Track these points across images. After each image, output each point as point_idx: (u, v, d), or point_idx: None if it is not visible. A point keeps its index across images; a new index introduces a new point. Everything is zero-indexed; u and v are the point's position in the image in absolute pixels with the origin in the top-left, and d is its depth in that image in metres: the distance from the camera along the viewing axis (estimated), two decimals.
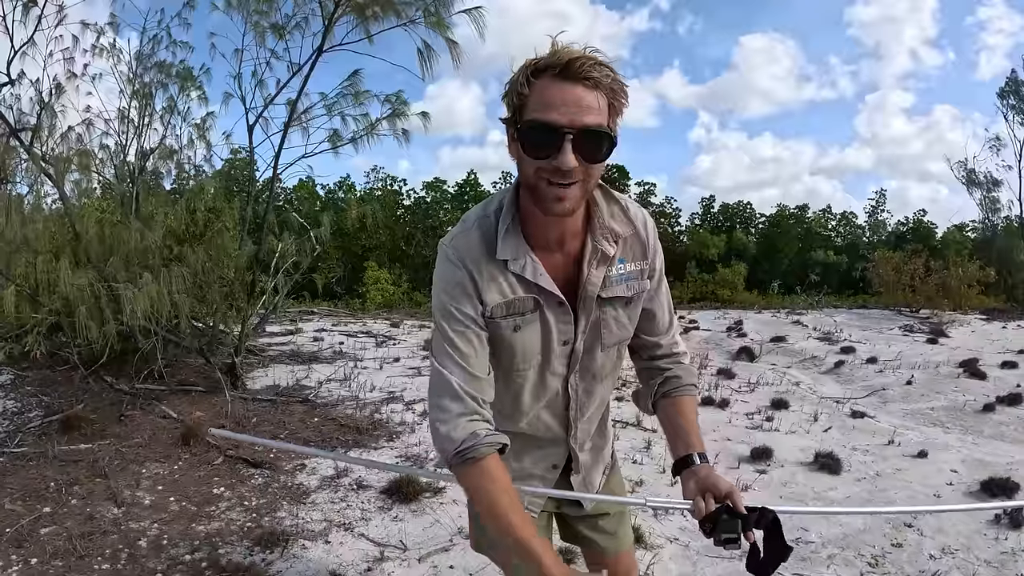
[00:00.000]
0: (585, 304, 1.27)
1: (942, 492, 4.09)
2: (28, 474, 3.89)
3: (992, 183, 22.15)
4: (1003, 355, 8.98)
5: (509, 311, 1.23)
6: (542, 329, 1.27)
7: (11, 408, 5.15)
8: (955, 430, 5.74)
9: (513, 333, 1.24)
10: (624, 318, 1.34)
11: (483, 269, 1.21)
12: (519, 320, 1.24)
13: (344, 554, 3.08)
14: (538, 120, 1.06)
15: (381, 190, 30.70)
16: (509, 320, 1.23)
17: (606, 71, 1.07)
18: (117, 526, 3.30)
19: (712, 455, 4.63)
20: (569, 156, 1.05)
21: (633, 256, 1.31)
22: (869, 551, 3.23)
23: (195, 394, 5.63)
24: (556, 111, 1.05)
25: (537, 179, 1.11)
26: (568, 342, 1.29)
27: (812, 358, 9.52)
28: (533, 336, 1.26)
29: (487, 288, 1.21)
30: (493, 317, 1.22)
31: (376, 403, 5.86)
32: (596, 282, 1.26)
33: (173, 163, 7.42)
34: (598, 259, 1.26)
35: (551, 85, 1.06)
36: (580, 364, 1.34)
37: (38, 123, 6.60)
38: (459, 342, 1.20)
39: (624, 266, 1.30)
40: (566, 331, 1.28)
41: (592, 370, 1.37)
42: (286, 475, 4.08)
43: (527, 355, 1.28)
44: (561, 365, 1.33)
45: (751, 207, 35.69)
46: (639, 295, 1.35)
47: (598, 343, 1.33)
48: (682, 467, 1.31)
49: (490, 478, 1.16)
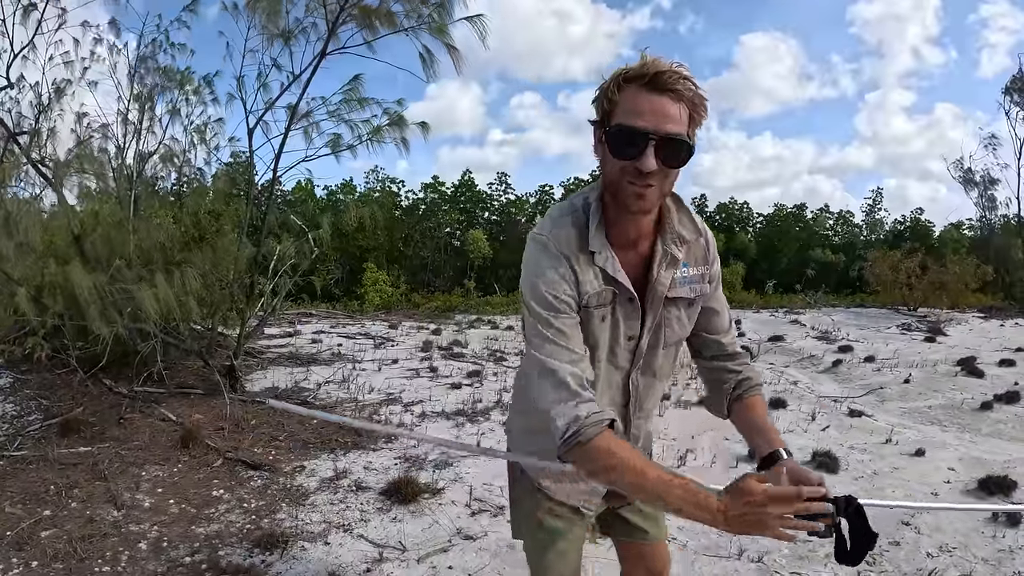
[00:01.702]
0: (653, 303, 1.34)
1: (939, 490, 4.11)
2: (28, 477, 3.90)
3: (989, 181, 22.20)
4: (1001, 353, 9.02)
5: (600, 301, 1.30)
6: (612, 323, 1.33)
7: (10, 411, 5.15)
8: (952, 428, 5.75)
9: (600, 323, 1.31)
10: (685, 318, 1.42)
11: (580, 259, 1.28)
12: (603, 310, 1.30)
13: (343, 555, 3.09)
14: (626, 125, 1.15)
15: (380, 192, 30.67)
16: (599, 310, 1.30)
17: (689, 85, 1.16)
18: (117, 529, 3.31)
19: (710, 454, 4.66)
20: (651, 159, 1.14)
21: (695, 261, 1.39)
22: None
23: (194, 397, 5.63)
24: (642, 118, 1.14)
25: (620, 178, 1.19)
26: (633, 338, 1.36)
27: (810, 357, 9.54)
28: (608, 329, 1.33)
29: (584, 278, 1.28)
30: (588, 306, 1.29)
31: (375, 405, 5.88)
32: (665, 283, 1.34)
33: (173, 166, 7.42)
34: (667, 261, 1.33)
35: (639, 94, 1.15)
36: (643, 361, 1.40)
37: (36, 127, 6.61)
38: (561, 326, 1.25)
39: (688, 270, 1.37)
40: (633, 327, 1.35)
41: (653, 367, 1.43)
42: (285, 477, 4.09)
43: (601, 347, 1.33)
44: (625, 360, 1.38)
45: (748, 206, 35.71)
46: (700, 298, 1.43)
47: (660, 341, 1.40)
48: (769, 463, 1.31)
49: (605, 454, 1.17)
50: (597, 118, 1.24)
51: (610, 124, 1.18)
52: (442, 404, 5.97)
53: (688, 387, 7.06)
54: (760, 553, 3.16)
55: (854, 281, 25.72)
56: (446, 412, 5.70)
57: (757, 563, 3.08)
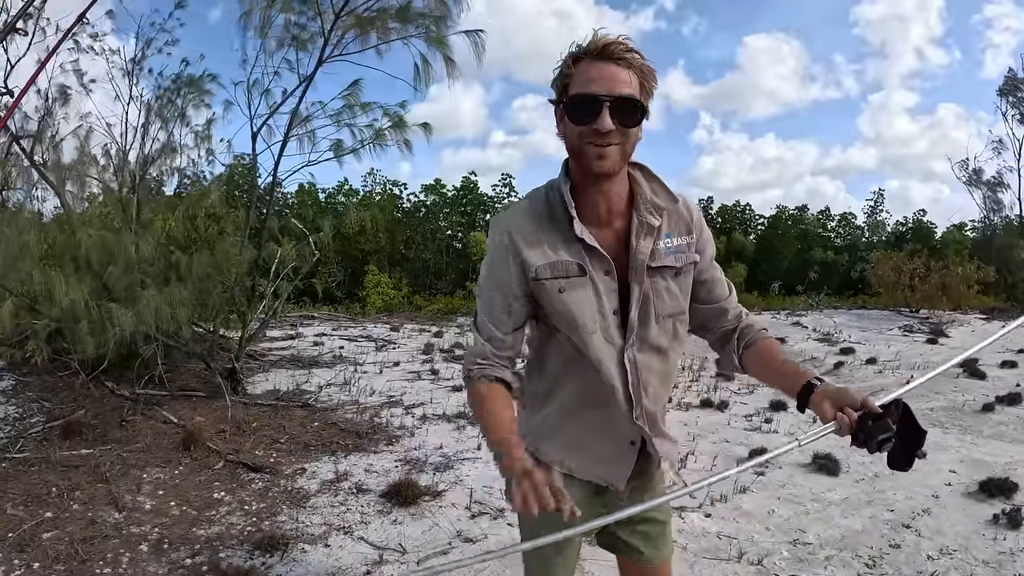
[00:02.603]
0: (636, 273, 1.36)
1: (940, 492, 4.10)
2: (30, 479, 3.91)
3: (997, 184, 22.16)
4: (1003, 355, 8.99)
5: (554, 273, 1.33)
6: (593, 294, 1.35)
7: (12, 414, 5.17)
8: (954, 430, 5.75)
9: (560, 294, 1.34)
10: (675, 288, 1.42)
11: (525, 232, 1.35)
12: (563, 283, 1.33)
13: (344, 557, 3.10)
14: (581, 92, 1.25)
15: (381, 194, 30.69)
16: (555, 282, 1.34)
17: (635, 55, 1.26)
18: (118, 530, 3.31)
19: (710, 457, 4.66)
20: (607, 119, 1.23)
21: (679, 231, 1.42)
22: (867, 552, 3.24)
23: (196, 399, 5.64)
24: (595, 84, 1.23)
25: (581, 143, 1.27)
26: (618, 312, 1.37)
27: (812, 359, 9.53)
28: (583, 301, 1.35)
29: (528, 249, 1.34)
30: (539, 278, 1.34)
31: (376, 407, 5.88)
32: (645, 251, 1.36)
33: (174, 169, 7.44)
34: (644, 231, 1.37)
35: (591, 65, 1.25)
36: (636, 335, 1.39)
37: (39, 130, 6.64)
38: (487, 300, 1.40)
39: (671, 240, 1.40)
40: (613, 299, 1.36)
41: (648, 341, 1.41)
42: (286, 479, 4.10)
43: (580, 321, 1.35)
44: (617, 336, 1.38)
45: (750, 208, 35.70)
46: (688, 267, 1.44)
47: (651, 314, 1.40)
48: (807, 395, 1.31)
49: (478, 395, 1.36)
50: (555, 97, 1.32)
51: (567, 97, 1.27)
52: (443, 407, 5.98)
53: (689, 389, 7.06)
54: (760, 556, 3.16)
55: (856, 283, 25.68)
56: (447, 415, 5.71)
57: (757, 565, 3.08)
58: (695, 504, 3.80)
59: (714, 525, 3.54)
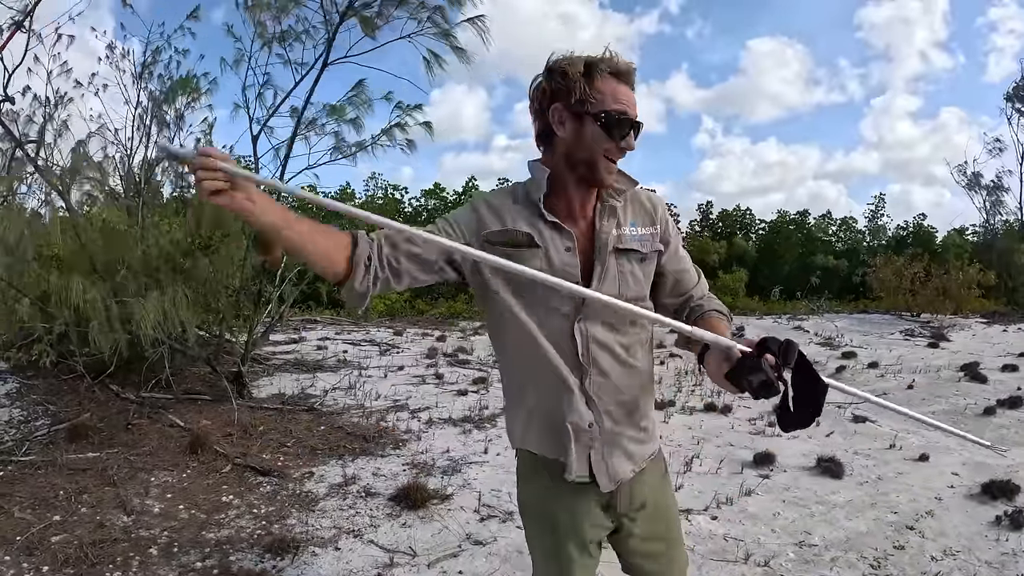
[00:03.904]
0: (600, 253, 1.43)
1: (943, 495, 4.12)
2: (37, 482, 3.93)
3: (998, 187, 22.16)
4: (1004, 358, 9.02)
5: (503, 238, 1.41)
6: (545, 264, 1.40)
7: (18, 417, 5.19)
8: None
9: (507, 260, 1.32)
10: (639, 273, 1.48)
11: (493, 205, 1.45)
12: (512, 251, 1.39)
13: (354, 561, 3.12)
14: (620, 112, 1.35)
15: (383, 198, 30.72)
16: (504, 249, 1.39)
17: None
18: (127, 534, 3.33)
19: (715, 460, 4.68)
20: (633, 141, 1.39)
21: (643, 222, 1.50)
22: (871, 553, 3.26)
23: (202, 403, 5.67)
24: (629, 107, 1.36)
25: (598, 156, 1.37)
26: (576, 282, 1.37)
27: (814, 363, 9.54)
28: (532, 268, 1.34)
29: (488, 217, 1.44)
30: (491, 241, 1.41)
31: (381, 411, 5.90)
32: (608, 230, 1.44)
33: (177, 173, 7.48)
34: (607, 212, 1.46)
35: (619, 86, 1.36)
36: (591, 308, 1.41)
37: (42, 134, 6.68)
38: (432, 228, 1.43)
39: (636, 229, 1.48)
40: (570, 273, 1.40)
41: (602, 317, 1.43)
42: (294, 483, 4.11)
43: (529, 287, 1.39)
44: (567, 307, 1.41)
45: (751, 213, 35.69)
46: (652, 255, 1.51)
47: (617, 291, 1.43)
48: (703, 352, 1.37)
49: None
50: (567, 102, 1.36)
51: (591, 109, 1.34)
52: (449, 411, 6.00)
53: (693, 393, 7.08)
54: (766, 557, 3.18)
55: (857, 287, 25.66)
56: (453, 419, 5.73)
57: (763, 567, 3.10)
58: (701, 507, 3.82)
59: (720, 527, 3.56)
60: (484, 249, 1.35)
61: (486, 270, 1.41)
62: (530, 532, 1.62)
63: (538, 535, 1.59)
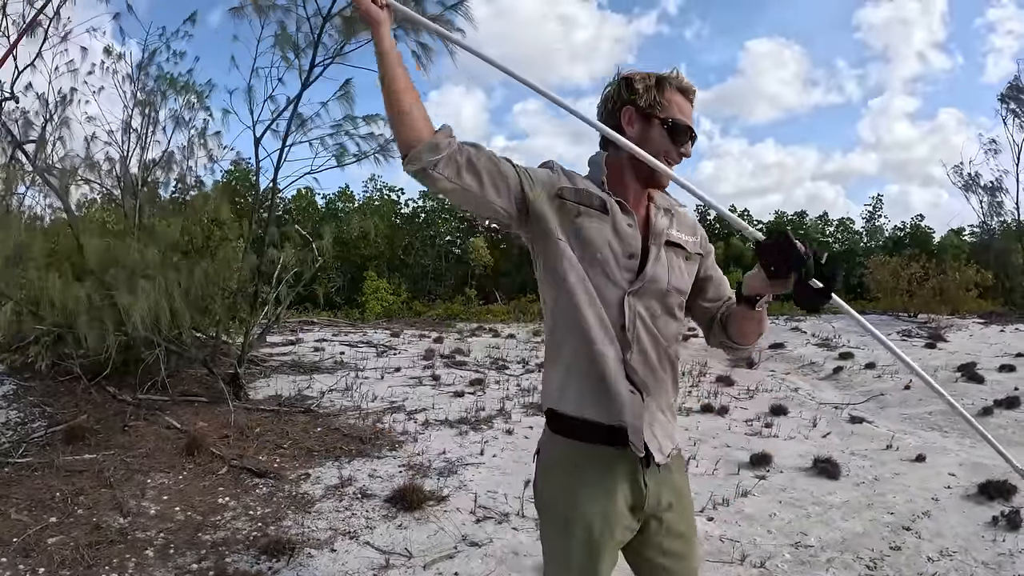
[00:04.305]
0: (656, 239, 1.54)
1: (940, 495, 4.13)
2: (33, 484, 3.92)
3: (996, 188, 22.14)
4: (1001, 359, 9.03)
5: (577, 197, 1.49)
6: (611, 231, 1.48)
7: (14, 418, 5.18)
8: (953, 434, 5.78)
9: (576, 217, 1.48)
10: (684, 268, 1.58)
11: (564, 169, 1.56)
12: (583, 209, 1.48)
13: (350, 562, 3.11)
14: (683, 122, 1.51)
15: (380, 200, 30.73)
16: (576, 206, 1.48)
17: None
18: (124, 535, 3.33)
19: (712, 461, 4.68)
20: (690, 148, 1.54)
21: (687, 231, 1.63)
22: (868, 554, 3.26)
23: (198, 404, 5.65)
24: (689, 119, 1.53)
25: (660, 155, 1.47)
26: (634, 256, 1.49)
27: (811, 364, 9.57)
28: (599, 230, 1.48)
29: (563, 177, 1.52)
30: (563, 197, 1.48)
31: (378, 413, 5.90)
32: (663, 223, 1.57)
33: (175, 174, 7.48)
34: (661, 212, 1.59)
35: (684, 101, 1.54)
36: (644, 286, 1.48)
37: (42, 136, 6.67)
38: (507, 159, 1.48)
39: (682, 234, 1.60)
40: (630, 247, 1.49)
41: (654, 299, 1.51)
42: (290, 484, 4.11)
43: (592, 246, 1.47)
44: (623, 279, 1.48)
45: (748, 214, 35.76)
46: (695, 256, 1.63)
47: (666, 278, 1.52)
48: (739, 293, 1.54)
49: None
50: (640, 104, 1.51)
51: (665, 116, 1.50)
52: (445, 412, 6.00)
53: (690, 395, 7.08)
54: (762, 558, 3.19)
55: (855, 288, 25.71)
56: (449, 420, 5.73)
57: (759, 568, 3.11)
58: (697, 508, 3.82)
59: (716, 528, 3.56)
60: (556, 204, 1.47)
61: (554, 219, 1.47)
62: (550, 531, 1.55)
63: (560, 535, 1.52)
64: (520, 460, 4.67)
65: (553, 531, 1.54)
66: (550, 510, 1.54)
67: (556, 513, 1.52)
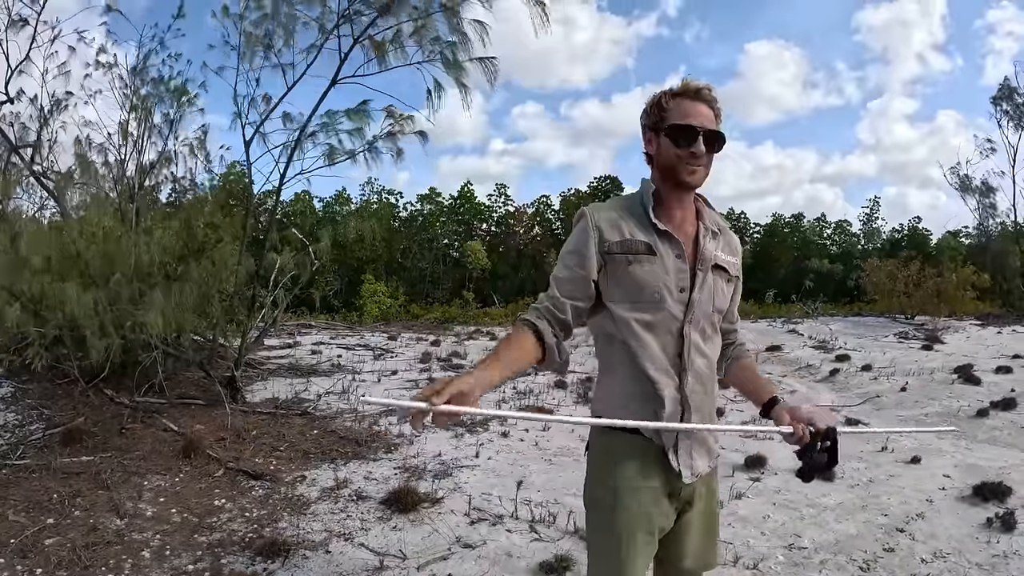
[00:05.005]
0: (703, 263, 1.63)
1: (934, 497, 4.14)
2: (31, 486, 3.93)
3: (988, 189, 22.16)
4: (997, 360, 9.06)
5: (623, 248, 1.59)
6: (662, 271, 1.59)
7: (12, 420, 5.18)
8: (948, 436, 5.80)
9: (628, 266, 1.58)
10: (726, 290, 1.69)
11: (608, 217, 1.63)
12: (631, 257, 1.58)
13: (344, 563, 3.13)
14: (681, 123, 1.57)
15: (378, 203, 30.74)
16: (623, 256, 1.59)
17: (715, 97, 1.62)
18: (120, 537, 3.34)
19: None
20: (701, 146, 1.56)
21: (730, 252, 1.73)
22: (861, 556, 3.28)
23: (195, 407, 5.66)
24: (694, 119, 1.57)
25: (677, 162, 1.57)
26: (685, 290, 1.60)
27: (807, 366, 9.59)
28: (652, 273, 1.58)
29: (607, 230, 1.61)
30: (610, 252, 1.59)
31: (374, 416, 5.91)
32: (711, 248, 1.66)
33: (170, 177, 7.49)
34: (709, 235, 1.68)
35: (687, 103, 1.59)
36: (696, 313, 1.61)
37: (38, 140, 6.68)
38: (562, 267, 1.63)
39: (727, 256, 1.71)
40: (683, 279, 1.60)
41: (701, 323, 1.63)
42: (286, 487, 4.12)
43: (648, 290, 1.58)
44: (679, 311, 1.59)
45: (745, 216, 35.83)
46: (735, 279, 1.74)
47: (712, 303, 1.64)
48: (770, 408, 1.65)
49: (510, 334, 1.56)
50: (651, 123, 1.63)
51: (668, 125, 1.58)
52: None
53: None
54: (755, 560, 3.20)
55: (852, 290, 25.76)
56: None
57: (752, 570, 3.12)
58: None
59: None
60: (604, 259, 1.59)
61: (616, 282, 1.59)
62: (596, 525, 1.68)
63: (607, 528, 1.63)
64: (515, 463, 4.69)
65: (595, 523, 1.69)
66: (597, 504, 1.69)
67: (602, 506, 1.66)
